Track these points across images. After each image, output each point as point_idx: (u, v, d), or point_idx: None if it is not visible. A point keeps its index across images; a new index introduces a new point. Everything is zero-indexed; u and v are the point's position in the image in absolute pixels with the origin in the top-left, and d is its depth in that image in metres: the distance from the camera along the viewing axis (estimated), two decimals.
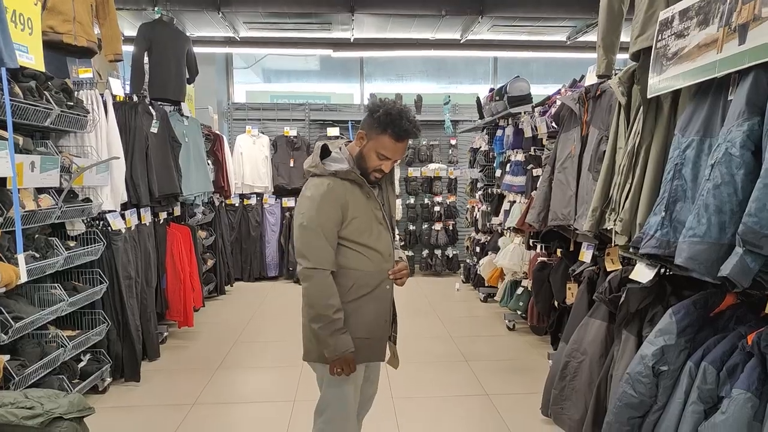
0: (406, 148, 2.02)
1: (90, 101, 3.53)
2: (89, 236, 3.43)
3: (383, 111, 1.92)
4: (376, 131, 1.95)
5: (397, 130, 1.92)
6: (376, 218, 2.04)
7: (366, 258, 2.02)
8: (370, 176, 2.02)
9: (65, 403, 2.11)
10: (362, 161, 2.00)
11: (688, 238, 1.62)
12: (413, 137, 1.99)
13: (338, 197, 1.94)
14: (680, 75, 1.92)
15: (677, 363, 1.86)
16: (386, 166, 2.01)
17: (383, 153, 1.96)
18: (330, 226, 1.93)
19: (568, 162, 3.18)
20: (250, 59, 8.35)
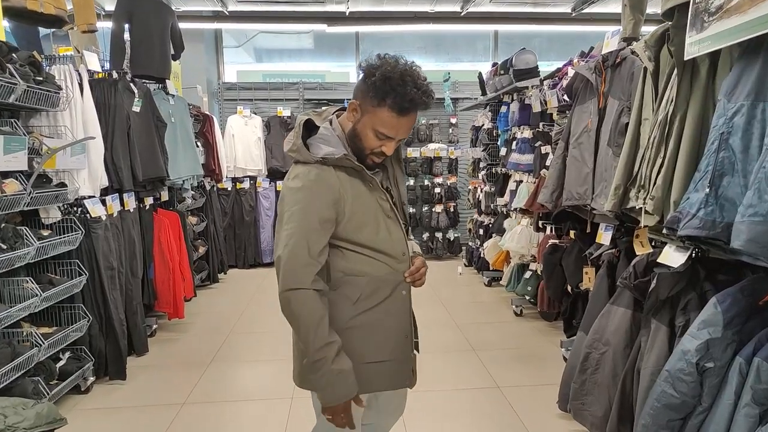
0: (413, 124, 1.52)
1: (63, 77, 3.24)
2: (66, 224, 3.17)
3: (380, 74, 1.42)
4: (371, 102, 1.46)
5: (400, 101, 1.42)
6: (383, 211, 1.58)
7: (374, 260, 1.56)
8: (366, 160, 1.55)
9: (32, 415, 1.88)
10: (356, 140, 1.52)
11: (748, 218, 1.38)
12: (422, 108, 1.47)
13: (330, 191, 1.48)
14: (727, 31, 1.65)
15: (724, 359, 1.64)
16: (387, 147, 1.52)
17: (382, 131, 1.48)
18: (317, 231, 1.46)
19: (584, 137, 2.93)
20: (241, 37, 8.01)
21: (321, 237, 1.48)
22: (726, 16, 1.66)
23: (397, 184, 1.70)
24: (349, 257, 1.56)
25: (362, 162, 1.54)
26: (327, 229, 1.50)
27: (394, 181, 1.69)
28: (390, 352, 1.61)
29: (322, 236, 1.48)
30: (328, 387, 1.49)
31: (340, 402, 1.49)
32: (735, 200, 1.59)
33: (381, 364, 1.60)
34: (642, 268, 2.33)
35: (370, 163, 1.56)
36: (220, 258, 6.04)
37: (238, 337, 4.18)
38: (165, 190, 4.49)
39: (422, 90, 1.45)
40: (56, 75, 3.20)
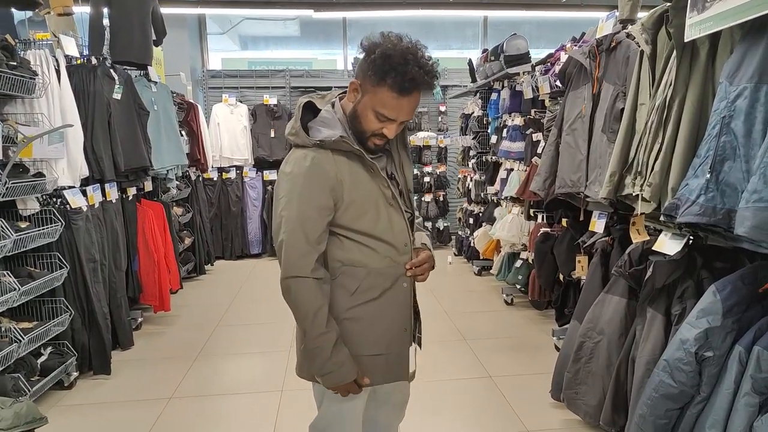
0: (416, 105, 1.43)
1: (39, 62, 3.12)
2: (45, 216, 3.07)
3: (380, 52, 1.35)
4: (371, 81, 1.38)
5: (400, 80, 1.34)
6: (384, 199, 1.50)
7: (372, 251, 1.49)
8: (367, 143, 1.47)
9: (9, 414, 1.80)
10: (357, 122, 1.46)
11: (753, 204, 1.34)
12: (426, 89, 1.39)
13: (327, 177, 1.42)
14: (730, 11, 1.60)
15: (723, 348, 1.61)
16: (389, 130, 1.44)
17: (383, 113, 1.40)
18: (314, 218, 1.42)
19: (578, 123, 2.88)
20: (226, 24, 7.84)
21: (318, 224, 1.43)
22: None
23: (403, 172, 1.61)
24: (347, 246, 1.50)
25: (363, 145, 1.47)
26: (324, 216, 1.44)
27: (400, 168, 1.60)
28: (387, 345, 1.56)
29: (319, 223, 1.43)
30: (326, 374, 1.48)
31: (340, 385, 1.51)
32: (737, 186, 1.55)
33: (377, 357, 1.55)
34: (637, 256, 2.30)
35: (371, 147, 1.48)
36: (206, 249, 5.94)
37: (225, 330, 4.10)
38: (149, 180, 4.37)
39: (425, 69, 1.37)
40: (32, 60, 3.08)
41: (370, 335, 1.53)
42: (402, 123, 1.47)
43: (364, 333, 1.53)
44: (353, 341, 1.52)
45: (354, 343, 1.52)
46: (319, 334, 1.43)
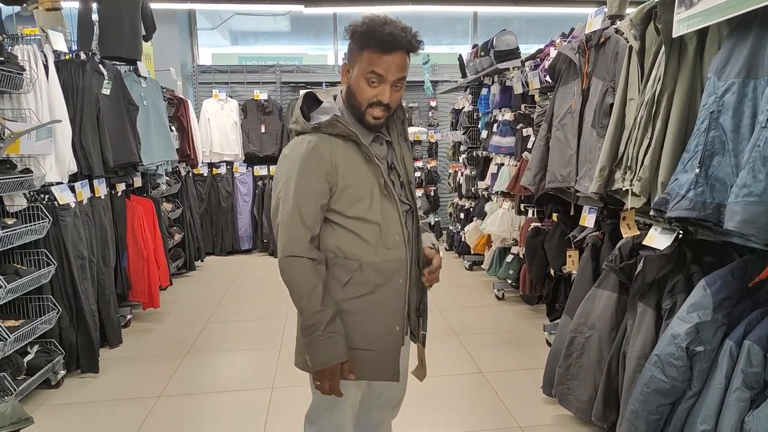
0: (404, 66, 1.45)
1: (26, 57, 3.08)
2: (33, 212, 3.03)
3: (360, 24, 1.43)
4: (357, 52, 1.45)
5: (380, 39, 1.39)
6: (379, 188, 1.50)
7: (365, 243, 1.50)
8: (366, 119, 1.48)
9: None
10: (353, 98, 1.48)
11: (742, 198, 1.35)
12: (407, 47, 1.43)
13: (322, 160, 1.44)
14: (718, 7, 1.61)
15: (714, 342, 1.62)
16: (384, 94, 1.44)
17: (373, 71, 1.42)
18: (309, 201, 1.45)
19: (568, 118, 2.89)
20: (216, 19, 7.78)
21: (313, 207, 1.47)
22: None
23: (404, 163, 1.62)
24: (340, 235, 1.51)
25: (363, 122, 1.50)
26: (319, 199, 1.47)
27: (401, 159, 1.61)
28: (377, 342, 1.55)
29: (313, 206, 1.47)
30: (316, 350, 1.47)
31: (327, 366, 1.48)
32: (726, 180, 1.56)
33: (364, 352, 1.54)
34: (627, 250, 2.31)
35: (371, 122, 1.49)
36: (196, 245, 5.90)
37: (215, 327, 4.08)
38: (138, 176, 4.34)
39: (405, 30, 1.43)
40: (19, 55, 3.03)
41: (359, 329, 1.53)
42: (396, 85, 1.46)
43: (353, 326, 1.52)
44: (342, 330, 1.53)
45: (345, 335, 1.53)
46: (315, 311, 1.45)
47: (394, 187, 1.55)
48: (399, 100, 1.52)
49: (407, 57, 1.46)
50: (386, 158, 1.57)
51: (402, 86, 1.49)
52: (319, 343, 1.46)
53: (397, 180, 1.58)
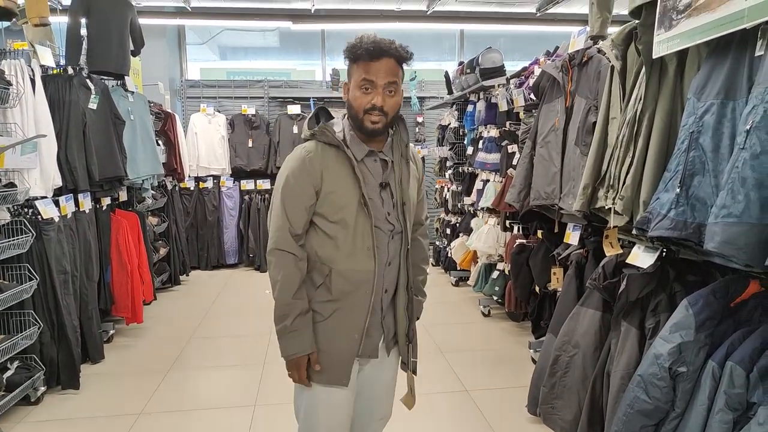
0: (393, 71, 1.54)
1: (13, 72, 3.07)
2: (16, 226, 2.99)
3: (348, 45, 1.56)
4: (349, 68, 1.58)
5: (366, 49, 1.51)
6: (357, 198, 1.58)
7: (338, 250, 1.59)
8: (365, 125, 1.56)
9: None
10: (352, 109, 1.58)
11: (722, 219, 1.36)
12: (396, 55, 1.54)
13: (311, 166, 1.56)
14: (696, 29, 1.64)
15: (697, 362, 1.62)
16: (377, 98, 1.53)
17: (364, 78, 1.53)
18: (294, 202, 1.57)
19: (551, 136, 2.92)
20: (205, 35, 7.80)
21: (298, 209, 1.58)
22: (695, 14, 1.66)
23: (401, 184, 1.66)
24: (320, 239, 1.61)
25: (363, 129, 1.57)
26: (304, 201, 1.58)
27: (399, 181, 1.66)
28: (334, 346, 1.63)
29: (298, 207, 1.58)
30: (284, 341, 1.59)
31: (293, 356, 1.59)
32: (706, 200, 1.58)
33: (322, 354, 1.62)
34: (611, 268, 2.33)
35: (369, 126, 1.57)
36: (182, 259, 5.85)
37: (198, 342, 4.04)
38: (123, 190, 4.31)
39: (390, 40, 1.55)
40: (6, 70, 3.03)
41: (321, 332, 1.62)
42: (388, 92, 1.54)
43: (316, 329, 1.62)
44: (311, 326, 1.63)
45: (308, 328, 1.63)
46: (286, 302, 1.56)
47: (383, 205, 1.62)
48: (396, 106, 1.59)
49: (397, 64, 1.55)
50: (381, 176, 1.64)
51: (396, 91, 1.57)
52: (287, 334, 1.58)
53: (388, 199, 1.64)
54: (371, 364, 1.74)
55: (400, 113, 1.66)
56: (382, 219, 1.63)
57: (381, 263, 1.63)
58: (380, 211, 1.63)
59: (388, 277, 1.68)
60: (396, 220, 1.65)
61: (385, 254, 1.64)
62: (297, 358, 1.59)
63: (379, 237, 1.62)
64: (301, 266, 1.59)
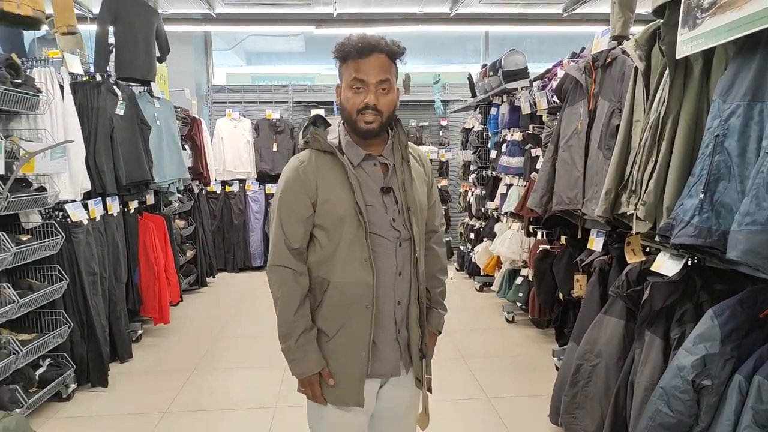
0: (384, 68, 1.47)
1: (43, 80, 3.16)
2: (47, 229, 3.09)
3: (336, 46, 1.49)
4: (340, 69, 1.51)
5: (354, 46, 1.44)
6: (352, 206, 1.48)
7: (334, 262, 1.50)
8: (359, 126, 1.48)
9: None
10: (345, 111, 1.51)
11: (745, 227, 1.32)
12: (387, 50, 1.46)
13: (305, 176, 1.49)
14: (721, 28, 1.59)
15: (722, 376, 1.56)
16: (370, 96, 1.45)
17: (354, 77, 1.45)
18: (290, 216, 1.51)
19: (574, 139, 2.87)
20: (231, 40, 7.93)
21: (294, 222, 1.51)
22: (720, 12, 1.60)
23: (404, 188, 1.56)
24: (318, 252, 1.53)
25: (357, 131, 1.50)
26: (300, 214, 1.51)
27: (402, 184, 1.56)
28: (342, 365, 1.53)
29: (295, 221, 1.51)
30: (292, 361, 1.53)
31: (302, 376, 1.53)
32: (732, 207, 1.53)
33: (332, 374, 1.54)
34: (635, 276, 2.27)
35: (363, 127, 1.48)
36: (208, 261, 5.95)
37: (223, 343, 4.09)
38: (151, 194, 4.41)
39: (378, 37, 1.48)
40: (37, 78, 3.12)
41: (329, 352, 1.54)
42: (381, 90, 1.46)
43: (323, 347, 1.54)
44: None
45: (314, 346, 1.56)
46: (288, 320, 1.50)
47: (387, 211, 1.52)
48: (391, 105, 1.50)
49: (389, 60, 1.48)
50: (382, 180, 1.55)
51: (390, 89, 1.48)
52: (293, 354, 1.51)
53: (392, 205, 1.54)
54: (392, 382, 1.63)
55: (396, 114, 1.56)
56: (386, 226, 1.53)
57: (385, 274, 1.53)
58: (383, 218, 1.52)
59: (401, 288, 1.56)
60: (402, 227, 1.54)
61: (392, 264, 1.53)
62: (308, 377, 1.53)
63: (383, 246, 1.52)
64: (302, 281, 1.52)
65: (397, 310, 1.56)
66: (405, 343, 1.60)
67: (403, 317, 1.59)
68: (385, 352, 1.56)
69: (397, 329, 1.57)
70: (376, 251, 1.51)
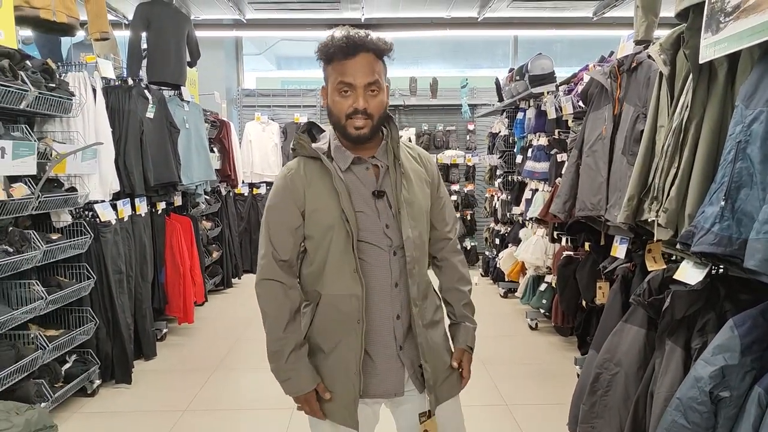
0: (372, 69, 1.37)
1: (77, 84, 3.27)
2: (76, 228, 3.19)
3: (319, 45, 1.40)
4: (325, 70, 1.41)
5: (339, 47, 1.34)
6: (339, 213, 1.40)
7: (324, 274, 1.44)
8: (349, 131, 1.40)
9: (20, 422, 1.86)
10: (332, 116, 1.42)
11: (764, 235, 1.28)
12: (373, 48, 1.37)
13: (293, 185, 1.43)
14: (744, 32, 1.54)
15: (742, 388, 1.51)
16: (359, 100, 1.36)
17: (341, 81, 1.36)
18: (279, 227, 1.44)
19: (598, 144, 2.82)
20: (262, 45, 8.06)
21: (282, 234, 1.44)
22: (743, 16, 1.55)
23: (396, 188, 1.44)
24: (310, 263, 1.47)
25: (347, 136, 1.42)
26: (289, 225, 1.44)
27: (394, 185, 1.45)
28: (334, 383, 1.46)
29: (283, 233, 1.44)
30: (284, 381, 1.45)
31: (297, 396, 1.45)
32: (753, 215, 1.48)
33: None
34: (657, 284, 2.21)
35: (352, 133, 1.40)
36: (234, 263, 6.04)
37: (245, 344, 4.15)
38: (178, 195, 4.51)
39: (364, 33, 1.38)
40: (70, 82, 3.23)
41: (321, 368, 1.47)
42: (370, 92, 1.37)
43: (317, 363, 1.48)
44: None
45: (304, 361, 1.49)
46: (277, 337, 1.43)
47: (380, 217, 1.43)
48: (381, 106, 1.41)
49: (376, 59, 1.38)
50: (375, 184, 1.46)
51: (379, 90, 1.39)
52: (285, 374, 1.44)
53: (386, 210, 1.44)
54: (397, 402, 1.53)
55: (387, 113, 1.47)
56: (378, 233, 1.43)
57: (378, 286, 1.44)
58: (375, 225, 1.43)
59: (399, 301, 1.46)
60: (397, 234, 1.44)
61: (386, 274, 1.44)
62: (303, 395, 1.44)
63: (375, 255, 1.43)
64: (292, 295, 1.45)
65: (397, 325, 1.47)
66: (410, 361, 1.49)
67: (405, 332, 1.48)
68: (383, 370, 1.47)
69: (398, 345, 1.47)
70: (367, 261, 1.43)
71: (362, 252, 1.42)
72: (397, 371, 1.48)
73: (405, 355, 1.49)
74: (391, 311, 1.46)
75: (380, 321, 1.46)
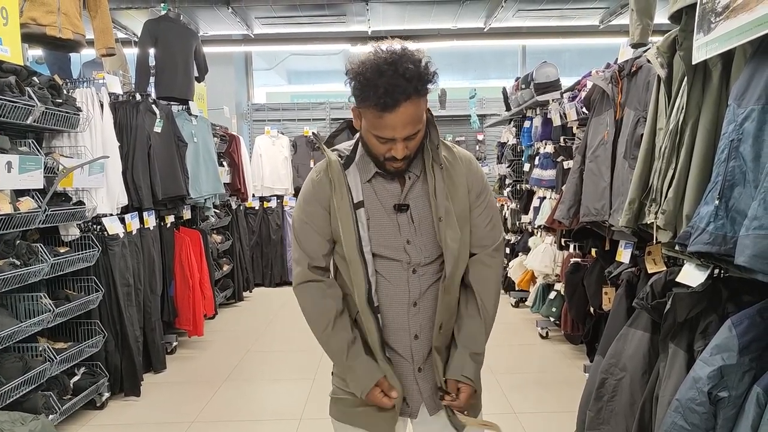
0: (413, 119, 1.24)
1: (84, 99, 3.35)
2: (84, 242, 3.24)
3: (354, 74, 1.23)
4: (358, 105, 1.27)
5: (377, 97, 1.18)
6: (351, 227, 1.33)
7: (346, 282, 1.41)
8: (387, 168, 1.33)
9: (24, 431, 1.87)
10: (367, 148, 1.34)
11: (753, 231, 1.26)
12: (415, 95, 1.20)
13: (320, 188, 1.36)
14: (734, 31, 1.53)
15: (741, 388, 1.48)
16: (396, 150, 1.26)
17: (378, 134, 1.25)
18: (307, 230, 1.39)
19: (601, 150, 2.81)
20: (272, 60, 8.18)
21: (311, 237, 1.39)
22: (733, 16, 1.54)
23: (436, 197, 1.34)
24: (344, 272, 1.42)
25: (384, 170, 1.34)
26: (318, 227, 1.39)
27: (434, 192, 1.34)
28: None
29: (312, 235, 1.39)
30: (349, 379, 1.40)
31: (363, 395, 1.36)
32: (747, 213, 1.46)
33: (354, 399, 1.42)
34: (660, 287, 2.18)
35: (391, 170, 1.33)
36: (245, 276, 6.07)
37: (255, 356, 4.15)
38: (187, 209, 4.55)
39: (407, 76, 1.18)
40: (78, 98, 3.29)
41: None
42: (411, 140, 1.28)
43: None
44: None
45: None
46: (328, 338, 1.39)
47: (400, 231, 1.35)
48: (419, 142, 1.32)
49: (418, 103, 1.24)
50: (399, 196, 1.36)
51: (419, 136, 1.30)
52: (344, 374, 1.41)
53: (407, 225, 1.35)
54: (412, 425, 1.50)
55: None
56: (398, 249, 1.35)
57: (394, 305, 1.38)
58: (395, 240, 1.35)
59: (417, 321, 1.39)
60: (420, 251, 1.35)
61: (403, 293, 1.37)
62: (367, 395, 1.36)
63: (392, 271, 1.36)
64: (333, 293, 1.39)
65: (414, 345, 1.40)
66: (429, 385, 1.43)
67: (425, 354, 1.41)
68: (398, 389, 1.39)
69: (416, 367, 1.41)
70: (384, 277, 1.37)
71: (379, 267, 1.37)
72: (413, 394, 1.43)
73: (423, 378, 1.43)
74: (408, 331, 1.40)
75: (396, 340, 1.40)
